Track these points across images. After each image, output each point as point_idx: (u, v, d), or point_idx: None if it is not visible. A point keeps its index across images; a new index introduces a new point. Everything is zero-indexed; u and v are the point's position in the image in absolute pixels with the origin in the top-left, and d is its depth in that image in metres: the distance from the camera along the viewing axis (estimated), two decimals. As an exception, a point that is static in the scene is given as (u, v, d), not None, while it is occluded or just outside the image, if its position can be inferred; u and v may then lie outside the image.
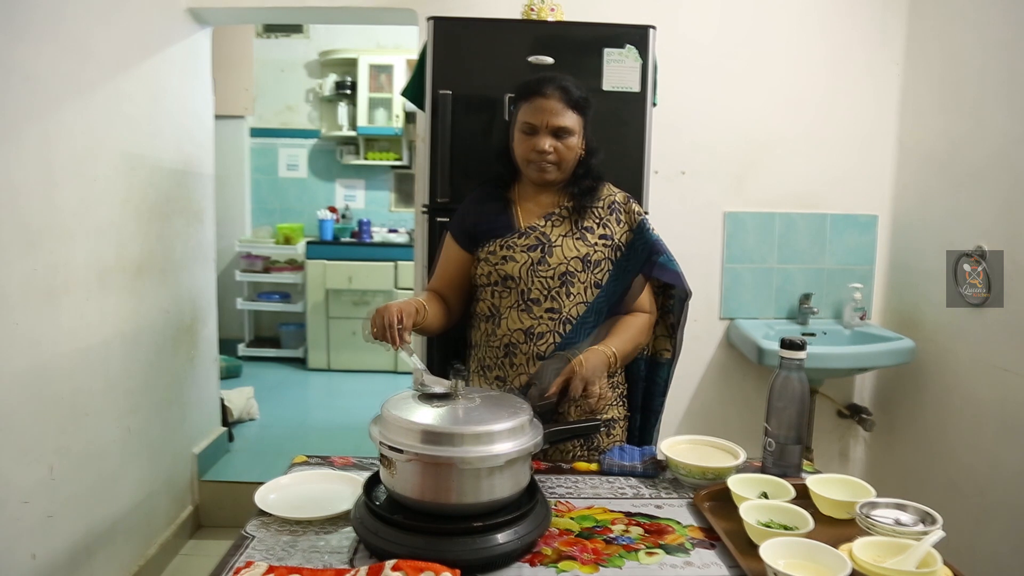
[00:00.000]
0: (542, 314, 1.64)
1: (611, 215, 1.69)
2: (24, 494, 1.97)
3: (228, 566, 1.11)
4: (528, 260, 1.65)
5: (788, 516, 1.21)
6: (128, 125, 2.52)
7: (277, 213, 5.69)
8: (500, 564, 1.12)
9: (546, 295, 1.64)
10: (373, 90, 5.43)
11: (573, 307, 1.64)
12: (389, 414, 1.18)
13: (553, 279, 1.64)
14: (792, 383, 1.44)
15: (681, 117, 2.77)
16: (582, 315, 1.65)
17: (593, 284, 1.65)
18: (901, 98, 2.86)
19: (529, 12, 2.44)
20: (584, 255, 1.65)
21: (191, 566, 2.85)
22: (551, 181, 1.66)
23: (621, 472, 1.52)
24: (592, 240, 1.66)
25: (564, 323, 1.64)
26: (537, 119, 1.61)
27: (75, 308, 2.19)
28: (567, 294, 1.64)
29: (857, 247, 2.92)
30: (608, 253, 1.67)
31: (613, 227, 1.68)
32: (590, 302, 1.65)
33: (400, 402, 1.23)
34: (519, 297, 1.65)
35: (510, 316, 1.66)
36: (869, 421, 2.90)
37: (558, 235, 1.66)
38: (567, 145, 1.62)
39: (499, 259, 1.66)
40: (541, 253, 1.65)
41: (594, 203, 1.69)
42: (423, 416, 1.18)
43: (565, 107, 1.61)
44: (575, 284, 1.64)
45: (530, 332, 1.64)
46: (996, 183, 2.33)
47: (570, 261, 1.64)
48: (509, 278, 1.66)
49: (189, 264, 3.04)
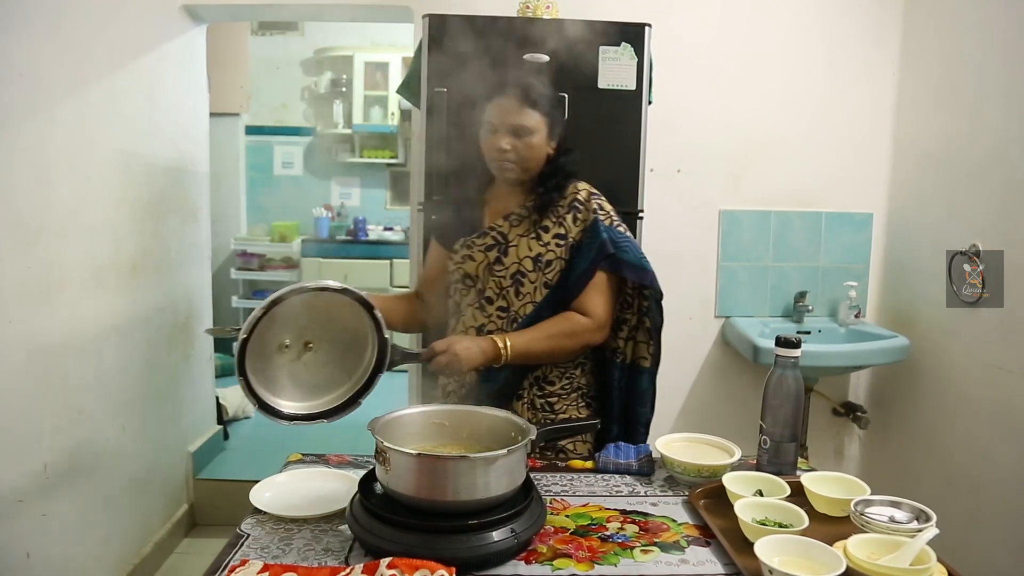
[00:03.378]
0: (493, 312, 1.66)
1: (569, 213, 1.67)
2: (18, 492, 1.97)
3: (223, 564, 1.11)
4: (485, 259, 1.67)
5: (783, 514, 1.21)
6: (123, 123, 2.51)
7: (272, 211, 5.67)
8: (495, 562, 1.12)
9: (499, 294, 1.66)
10: (368, 88, 5.42)
11: (522, 306, 1.65)
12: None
13: (506, 278, 1.65)
14: (787, 381, 1.44)
15: (677, 115, 2.77)
16: (530, 314, 1.64)
17: (543, 284, 1.65)
18: (897, 97, 2.87)
19: (525, 10, 2.43)
20: (536, 255, 1.64)
21: (186, 564, 2.85)
22: (515, 180, 1.66)
23: (616, 470, 1.52)
24: (546, 239, 1.65)
25: (512, 321, 1.65)
26: (496, 118, 1.62)
27: (70, 306, 2.19)
28: (517, 293, 1.65)
29: (852, 245, 2.93)
30: (561, 252, 1.65)
31: (569, 226, 1.66)
32: (539, 302, 1.65)
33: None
34: (477, 295, 1.69)
35: (468, 313, 1.70)
36: (864, 419, 2.91)
37: (516, 235, 1.66)
38: (527, 144, 1.62)
39: (461, 258, 1.70)
40: (498, 252, 1.66)
41: (556, 202, 1.67)
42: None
43: (524, 106, 1.61)
44: (525, 284, 1.65)
45: (481, 329, 1.66)
46: (991, 182, 2.33)
47: (522, 261, 1.64)
48: (468, 276, 1.69)
49: (184, 262, 3.03)
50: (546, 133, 1.64)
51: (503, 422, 1.32)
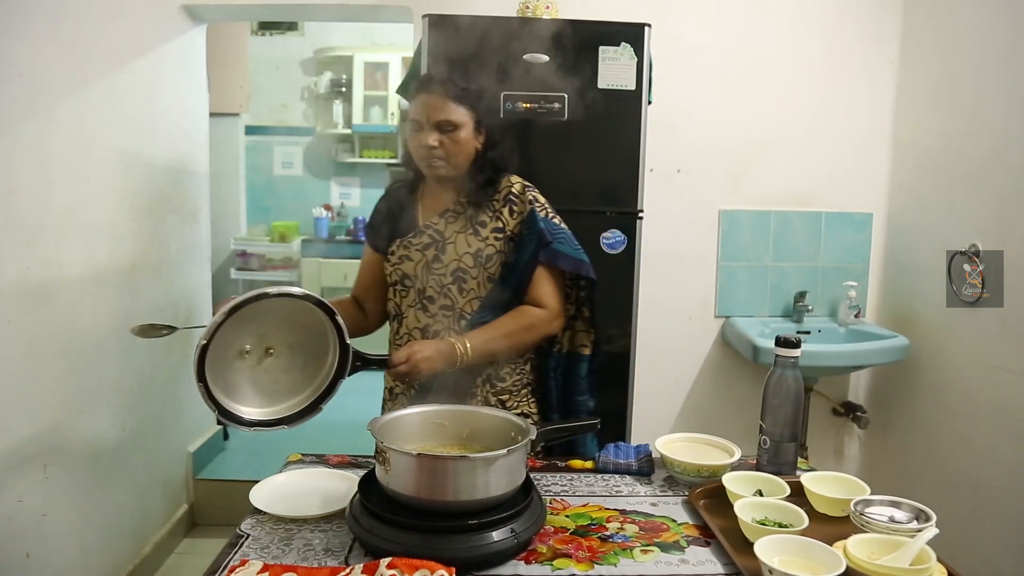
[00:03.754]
0: (437, 312, 1.65)
1: (505, 207, 1.65)
2: (18, 492, 1.97)
3: (223, 564, 1.11)
4: (423, 259, 1.66)
5: (783, 514, 1.21)
6: (123, 122, 2.51)
7: (272, 211, 5.67)
8: (495, 562, 1.12)
9: (440, 292, 1.65)
10: (368, 88, 5.41)
11: (467, 303, 1.64)
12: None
13: (446, 276, 1.64)
14: (787, 381, 1.44)
15: (677, 115, 2.77)
16: (476, 311, 1.64)
17: (486, 279, 1.64)
18: (897, 97, 2.87)
19: (524, 10, 2.43)
20: (476, 251, 1.63)
21: (186, 565, 2.85)
22: (444, 177, 1.65)
23: (616, 470, 1.52)
24: (484, 234, 1.64)
25: (459, 319, 1.64)
26: (421, 114, 1.60)
27: (69, 306, 2.18)
28: (460, 291, 1.64)
29: (852, 245, 2.93)
30: (500, 246, 1.64)
31: (507, 219, 1.65)
32: (483, 297, 1.64)
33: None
34: (417, 296, 1.67)
35: (409, 315, 1.68)
36: (864, 419, 2.91)
37: (453, 232, 1.65)
38: (454, 139, 1.60)
39: (398, 259, 1.69)
40: (436, 251, 1.65)
41: (491, 197, 1.66)
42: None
43: (449, 101, 1.59)
44: (468, 280, 1.64)
45: (427, 330, 1.65)
46: (991, 181, 2.33)
47: (462, 257, 1.63)
48: (407, 277, 1.68)
49: (184, 262, 3.03)
50: (473, 127, 1.63)
51: (503, 422, 1.32)
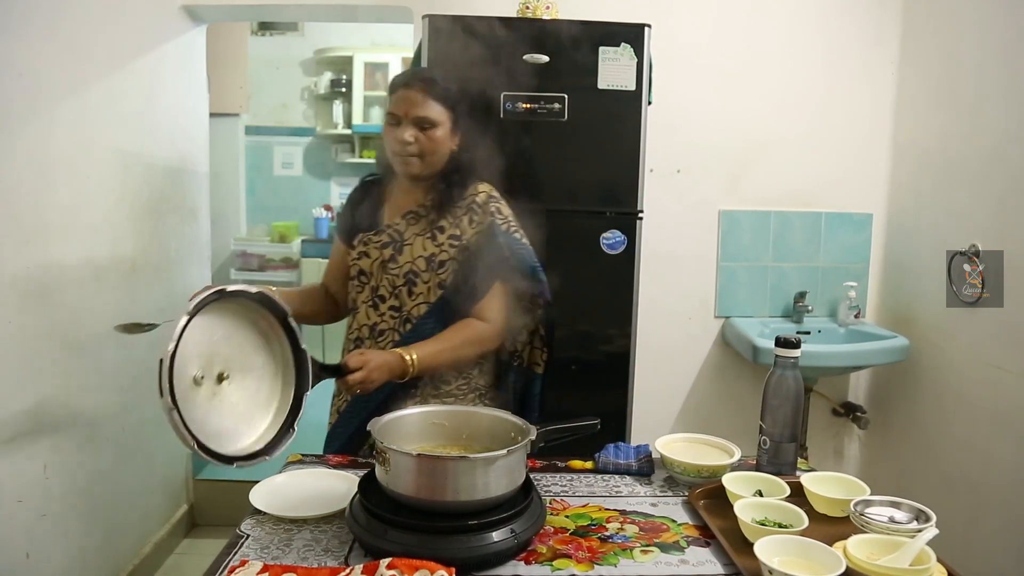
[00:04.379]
0: (386, 311, 1.65)
1: (466, 215, 1.63)
2: (18, 493, 1.96)
3: (223, 565, 1.11)
4: (380, 257, 1.65)
5: (783, 514, 1.21)
6: (122, 122, 2.51)
7: (272, 211, 5.66)
8: (495, 562, 1.12)
9: (392, 293, 1.64)
10: (368, 88, 5.41)
11: (415, 306, 1.63)
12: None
13: (399, 277, 1.63)
14: (787, 381, 1.44)
15: (676, 115, 2.77)
16: (423, 315, 1.62)
17: (436, 285, 1.62)
18: (896, 97, 2.87)
19: (524, 10, 2.43)
20: (430, 255, 1.62)
21: (186, 565, 2.85)
22: (416, 175, 1.63)
23: (616, 470, 1.52)
24: (441, 240, 1.62)
25: (405, 322, 1.63)
26: (400, 109, 1.59)
27: (69, 306, 2.18)
28: (410, 293, 1.63)
29: (852, 246, 2.93)
30: (454, 254, 1.62)
31: (464, 227, 1.62)
32: (432, 302, 1.62)
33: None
34: (370, 293, 1.67)
35: (362, 311, 1.69)
36: (863, 419, 2.91)
37: (412, 234, 1.64)
38: (430, 137, 1.59)
39: (357, 254, 1.69)
40: (393, 251, 1.64)
41: (455, 202, 1.64)
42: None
43: (428, 98, 1.58)
44: (418, 284, 1.62)
45: (374, 328, 1.65)
46: (991, 182, 2.33)
47: (416, 261, 1.62)
48: (363, 273, 1.68)
49: (184, 262, 3.03)
50: (450, 127, 1.61)
51: (503, 422, 1.32)
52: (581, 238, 2.30)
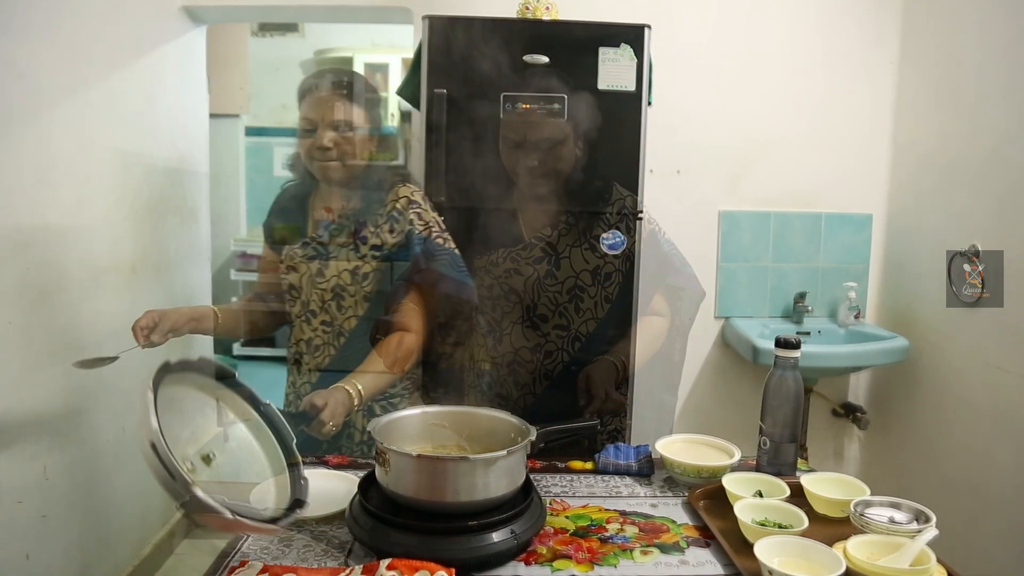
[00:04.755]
0: (318, 326, 1.61)
1: (387, 223, 1.60)
2: (18, 494, 1.96)
3: (223, 565, 1.11)
4: (308, 271, 1.61)
5: (783, 515, 1.21)
6: (122, 123, 2.51)
7: (272, 212, 5.67)
8: (495, 563, 1.13)
9: (322, 307, 1.61)
10: (368, 89, 5.42)
11: (345, 320, 1.60)
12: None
13: (327, 291, 1.60)
14: (787, 382, 1.44)
15: (677, 116, 2.77)
16: (355, 328, 1.60)
17: (363, 297, 1.59)
18: (896, 97, 2.87)
19: (524, 11, 2.43)
20: (355, 268, 1.59)
21: (186, 566, 2.85)
22: (337, 180, 1.59)
23: (616, 471, 1.52)
24: (363, 251, 1.59)
25: (338, 335, 1.60)
26: (316, 114, 1.56)
27: (68, 307, 2.18)
28: (339, 307, 1.60)
29: (852, 246, 2.93)
30: (378, 265, 1.59)
31: (385, 237, 1.59)
32: (360, 316, 1.60)
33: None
34: (302, 308, 1.63)
35: (297, 325, 1.64)
36: (863, 420, 2.91)
37: (336, 246, 1.61)
38: (349, 140, 1.56)
39: (285, 269, 1.64)
40: (319, 265, 1.60)
41: (376, 210, 1.60)
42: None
43: (345, 100, 1.55)
44: (346, 297, 1.60)
45: (310, 343, 1.61)
46: (991, 182, 2.33)
47: (341, 274, 1.59)
48: (293, 288, 1.64)
49: (184, 263, 3.03)
50: (368, 130, 1.59)
51: (503, 423, 1.32)
52: (581, 238, 2.30)
